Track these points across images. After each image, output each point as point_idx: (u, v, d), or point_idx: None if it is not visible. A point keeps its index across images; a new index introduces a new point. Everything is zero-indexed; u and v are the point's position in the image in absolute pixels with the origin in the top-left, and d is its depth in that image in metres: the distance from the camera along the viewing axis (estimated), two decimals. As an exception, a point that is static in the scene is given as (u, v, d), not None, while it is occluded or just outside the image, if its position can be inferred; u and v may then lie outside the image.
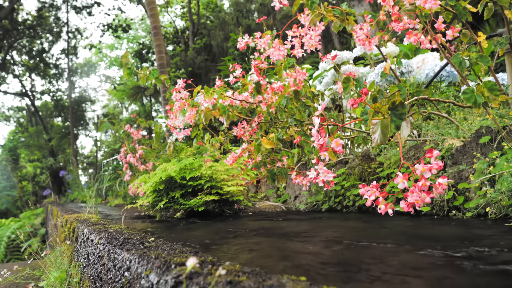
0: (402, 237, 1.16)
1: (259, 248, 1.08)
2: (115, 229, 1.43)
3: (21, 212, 9.54)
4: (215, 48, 14.23)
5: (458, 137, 1.80)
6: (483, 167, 1.48)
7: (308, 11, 1.77)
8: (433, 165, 1.00)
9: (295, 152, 2.38)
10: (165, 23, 19.87)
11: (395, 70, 2.99)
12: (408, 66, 3.14)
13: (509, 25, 1.73)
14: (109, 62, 24.25)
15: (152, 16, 7.15)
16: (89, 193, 6.43)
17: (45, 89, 18.84)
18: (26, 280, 2.24)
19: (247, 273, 0.63)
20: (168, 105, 2.50)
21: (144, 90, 13.95)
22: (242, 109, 2.44)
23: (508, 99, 1.50)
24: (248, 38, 2.12)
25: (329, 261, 0.87)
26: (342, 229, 1.41)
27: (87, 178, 15.36)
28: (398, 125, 1.12)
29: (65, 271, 1.74)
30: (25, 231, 6.75)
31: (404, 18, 1.57)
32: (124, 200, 4.86)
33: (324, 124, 1.18)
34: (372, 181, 1.37)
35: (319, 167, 1.25)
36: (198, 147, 3.16)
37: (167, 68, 7.29)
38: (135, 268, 0.85)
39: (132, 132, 4.24)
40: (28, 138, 17.53)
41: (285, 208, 2.61)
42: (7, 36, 14.95)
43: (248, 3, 14.94)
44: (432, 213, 1.66)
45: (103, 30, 17.10)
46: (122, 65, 2.56)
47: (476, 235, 1.12)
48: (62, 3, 16.56)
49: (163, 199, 2.15)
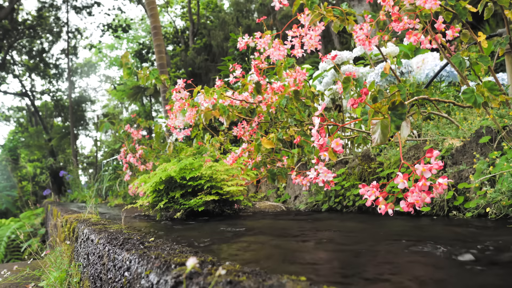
0: (402, 237, 1.16)
1: (259, 248, 1.08)
2: (115, 229, 1.43)
3: (21, 212, 9.54)
4: (215, 48, 14.23)
5: (458, 137, 1.80)
6: (483, 167, 1.48)
7: (308, 11, 1.77)
8: (433, 165, 1.00)
9: (295, 152, 2.38)
10: (165, 23, 19.86)
11: (395, 70, 2.99)
12: (408, 66, 3.14)
13: (509, 25, 1.72)
14: (109, 62, 24.24)
15: (152, 16, 7.15)
16: (89, 193, 6.43)
17: (45, 89, 18.84)
18: (26, 280, 2.24)
19: (247, 273, 0.63)
20: (168, 105, 2.50)
21: (144, 90, 13.96)
22: (242, 109, 2.44)
23: (508, 99, 1.50)
24: (248, 38, 2.12)
25: (329, 261, 0.87)
26: (342, 229, 1.41)
27: (87, 178, 15.36)
28: (398, 125, 1.12)
29: (65, 271, 1.74)
30: (25, 231, 6.75)
31: (404, 18, 1.57)
32: (124, 200, 4.86)
33: (324, 124, 1.18)
34: (372, 181, 1.37)
35: (319, 167, 1.25)
36: (198, 147, 3.16)
37: (167, 68, 7.29)
38: (135, 268, 0.85)
39: (132, 132, 4.24)
40: (28, 138, 17.53)
41: (285, 208, 2.61)
42: (7, 36, 14.94)
43: (248, 3, 14.93)
44: (432, 213, 1.66)
45: (103, 30, 17.10)
46: (122, 65, 2.56)
47: (476, 235, 1.12)
48: (62, 3, 16.56)
49: (163, 199, 2.15)
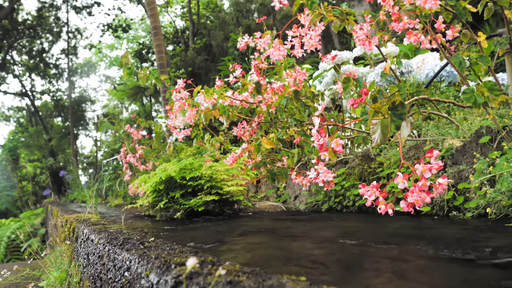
0: (402, 238, 1.16)
1: (259, 248, 1.08)
2: (115, 229, 1.43)
3: (21, 212, 9.54)
4: (215, 48, 14.23)
5: (458, 137, 1.80)
6: (483, 167, 1.48)
7: (308, 11, 1.77)
8: (433, 165, 1.00)
9: (295, 152, 2.38)
10: (165, 23, 19.86)
11: (395, 70, 2.99)
12: (408, 66, 3.14)
13: (509, 25, 1.72)
14: (109, 62, 24.25)
15: (152, 16, 7.15)
16: (89, 193, 6.42)
17: (45, 89, 18.84)
18: (26, 280, 2.24)
19: (247, 273, 0.63)
20: (168, 105, 2.50)
21: (144, 90, 13.96)
22: (242, 109, 2.44)
23: (508, 99, 1.50)
24: (248, 38, 2.12)
25: (329, 261, 0.87)
26: (342, 229, 1.41)
27: (87, 178, 15.36)
28: (398, 125, 1.12)
29: (65, 271, 1.74)
30: (25, 231, 6.75)
31: (404, 18, 1.57)
32: (124, 200, 4.86)
33: (324, 124, 1.18)
34: (372, 181, 1.37)
35: (319, 167, 1.25)
36: (198, 147, 3.16)
37: (167, 68, 7.29)
38: (135, 268, 0.85)
39: (132, 132, 4.24)
40: (28, 138, 17.54)
41: (285, 208, 2.61)
42: (7, 36, 14.95)
43: (248, 3, 14.93)
44: (432, 213, 1.66)
45: (103, 30, 17.10)
46: (122, 65, 2.56)
47: (476, 235, 1.12)
48: (62, 3, 16.57)
49: (163, 199, 2.15)
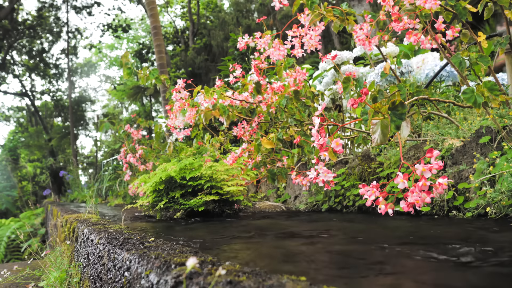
0: (402, 237, 1.16)
1: (259, 248, 1.08)
2: (115, 229, 1.43)
3: (21, 212, 9.54)
4: (215, 48, 14.22)
5: (458, 137, 1.80)
6: (483, 167, 1.48)
7: (308, 11, 1.77)
8: (433, 165, 1.00)
9: (295, 152, 2.38)
10: (165, 23, 19.85)
11: (395, 70, 2.99)
12: (408, 66, 3.14)
13: (509, 25, 1.72)
14: (109, 62, 24.24)
15: (152, 16, 7.15)
16: (89, 193, 6.43)
17: (45, 89, 18.83)
18: (26, 280, 2.24)
19: (247, 273, 0.63)
20: (168, 105, 2.50)
21: (144, 90, 13.96)
22: (242, 109, 2.44)
23: (508, 99, 1.50)
24: (248, 38, 2.12)
25: (329, 261, 0.87)
26: (342, 229, 1.41)
27: (87, 178, 15.37)
28: (398, 125, 1.12)
29: (65, 271, 1.74)
30: (25, 231, 6.75)
31: (404, 18, 1.57)
32: (124, 200, 4.86)
33: (324, 124, 1.18)
34: (372, 181, 1.37)
35: (319, 167, 1.24)
36: (198, 147, 3.16)
37: (167, 68, 7.29)
38: (135, 268, 0.85)
39: (132, 132, 4.24)
40: (28, 138, 17.53)
41: (285, 208, 2.61)
42: (7, 36, 14.94)
43: (248, 3, 14.93)
44: (432, 213, 1.66)
45: (103, 30, 17.09)
46: (122, 65, 2.56)
47: (476, 235, 1.12)
48: (62, 3, 16.56)
49: (163, 199, 2.15)
